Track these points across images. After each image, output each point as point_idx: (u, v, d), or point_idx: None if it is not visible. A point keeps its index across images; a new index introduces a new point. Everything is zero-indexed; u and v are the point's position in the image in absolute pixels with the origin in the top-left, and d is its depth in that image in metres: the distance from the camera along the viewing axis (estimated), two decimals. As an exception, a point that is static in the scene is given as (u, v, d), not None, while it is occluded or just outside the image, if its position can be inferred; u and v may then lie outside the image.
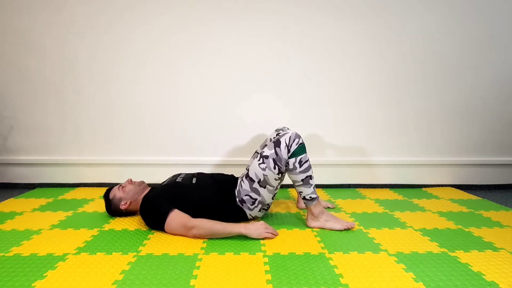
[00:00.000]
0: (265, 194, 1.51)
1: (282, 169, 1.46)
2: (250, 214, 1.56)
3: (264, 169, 1.45)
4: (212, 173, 1.70)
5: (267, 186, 1.49)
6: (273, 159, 1.44)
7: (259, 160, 1.47)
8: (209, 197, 1.52)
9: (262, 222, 1.45)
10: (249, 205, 1.52)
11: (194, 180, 1.59)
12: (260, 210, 1.56)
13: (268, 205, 1.57)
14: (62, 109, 2.15)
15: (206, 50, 2.10)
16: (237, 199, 1.53)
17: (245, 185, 1.51)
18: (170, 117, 2.17)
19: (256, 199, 1.51)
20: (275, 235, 1.43)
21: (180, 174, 1.68)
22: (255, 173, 1.48)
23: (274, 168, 1.45)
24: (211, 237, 1.41)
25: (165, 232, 1.45)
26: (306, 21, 2.08)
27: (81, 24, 2.06)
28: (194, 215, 1.44)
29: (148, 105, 2.15)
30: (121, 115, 2.16)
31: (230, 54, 2.11)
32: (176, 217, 1.41)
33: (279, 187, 1.56)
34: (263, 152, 1.48)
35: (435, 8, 2.09)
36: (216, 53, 2.11)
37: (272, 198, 1.56)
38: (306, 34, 2.09)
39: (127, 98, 2.15)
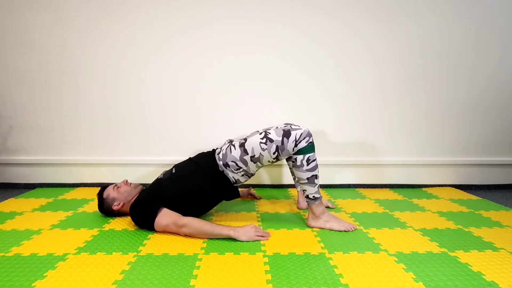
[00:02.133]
0: (252, 167, 1.51)
1: (281, 157, 1.47)
2: (233, 177, 1.55)
3: (263, 149, 1.45)
4: (190, 157, 1.70)
5: (258, 163, 1.49)
6: (277, 146, 1.43)
7: (262, 138, 1.46)
8: (191, 179, 1.53)
9: (252, 225, 1.45)
10: (232, 169, 1.52)
11: (173, 170, 1.61)
12: (243, 176, 1.55)
13: (252, 174, 1.57)
14: (62, 109, 2.15)
15: (204, 50, 2.10)
16: (221, 162, 1.53)
17: (235, 152, 1.50)
18: (170, 118, 2.17)
19: (241, 168, 1.51)
20: (267, 237, 1.43)
21: (162, 172, 1.70)
22: (253, 148, 1.46)
23: (274, 153, 1.45)
24: (201, 237, 1.41)
25: (156, 232, 1.46)
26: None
27: (81, 24, 2.06)
28: (182, 203, 1.48)
29: (148, 106, 2.15)
30: (121, 115, 2.16)
31: (228, 54, 2.10)
32: (165, 216, 1.43)
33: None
34: (269, 133, 1.46)
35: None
36: (215, 53, 2.10)
37: (257, 170, 1.56)
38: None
39: (127, 99, 2.14)
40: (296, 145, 1.42)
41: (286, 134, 1.43)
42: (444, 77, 2.17)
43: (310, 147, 1.44)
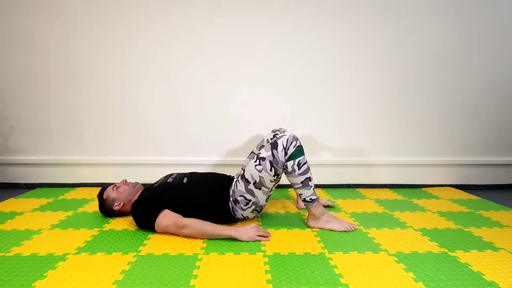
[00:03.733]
0: (260, 196, 1.51)
1: (279, 171, 1.46)
2: (242, 214, 1.55)
3: (260, 171, 1.45)
4: (205, 173, 1.70)
5: (262, 187, 1.49)
6: (270, 161, 1.43)
7: (255, 161, 1.47)
8: (199, 197, 1.52)
9: (253, 224, 1.45)
10: (242, 205, 1.52)
11: (185, 180, 1.59)
12: (252, 211, 1.56)
13: (261, 207, 1.57)
14: (63, 110, 2.15)
15: (204, 51, 2.10)
16: (231, 199, 1.53)
17: (240, 185, 1.51)
18: (169, 118, 2.17)
19: (250, 200, 1.51)
20: (268, 237, 1.43)
21: (171, 175, 1.69)
22: (251, 175, 1.47)
23: (271, 170, 1.44)
24: (202, 237, 1.41)
25: (156, 232, 1.46)
26: (306, 21, 2.08)
27: (83, 25, 2.06)
28: (184, 214, 1.46)
29: (148, 106, 2.16)
30: (121, 115, 2.16)
31: (229, 54, 2.11)
32: (167, 217, 1.42)
33: (274, 188, 1.55)
34: (260, 153, 1.47)
35: (435, 8, 2.09)
36: (214, 54, 2.10)
37: (266, 200, 1.56)
38: (305, 35, 2.10)
39: (127, 99, 2.15)
40: (286, 153, 1.42)
41: (274, 146, 1.44)
42: (444, 77, 2.17)
43: (299, 151, 1.44)
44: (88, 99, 2.14)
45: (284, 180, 2.25)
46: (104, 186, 1.68)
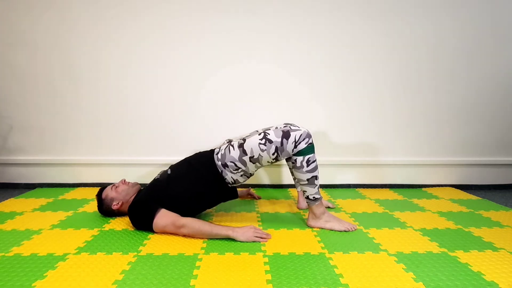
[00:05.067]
0: (251, 167, 1.50)
1: (280, 158, 1.46)
2: (232, 177, 1.53)
3: (262, 150, 1.43)
4: (186, 157, 1.68)
5: (257, 163, 1.48)
6: (276, 147, 1.42)
7: (261, 139, 1.44)
8: (185, 182, 1.52)
9: (251, 225, 1.45)
10: (231, 169, 1.50)
11: (169, 172, 1.60)
12: (241, 176, 1.53)
13: (251, 174, 1.56)
14: (62, 109, 2.15)
15: (204, 50, 2.10)
16: (219, 163, 1.51)
17: (234, 152, 1.48)
18: (169, 118, 2.17)
19: (239, 168, 1.49)
20: (266, 238, 1.42)
21: (160, 172, 1.69)
22: (252, 149, 1.45)
23: (273, 154, 1.44)
24: (200, 237, 1.41)
25: (155, 232, 1.46)
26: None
27: (82, 25, 2.06)
28: (179, 205, 1.47)
29: (147, 106, 2.15)
30: (121, 115, 2.16)
31: (227, 51, 2.10)
32: (164, 217, 1.43)
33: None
34: (268, 134, 1.44)
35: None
36: (215, 53, 2.10)
37: (255, 170, 1.54)
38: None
39: (127, 99, 2.14)
40: (295, 147, 1.41)
41: (286, 135, 1.42)
42: (444, 77, 2.17)
43: (310, 148, 1.44)
44: (87, 98, 2.14)
45: (284, 180, 2.25)
46: (103, 186, 1.68)
